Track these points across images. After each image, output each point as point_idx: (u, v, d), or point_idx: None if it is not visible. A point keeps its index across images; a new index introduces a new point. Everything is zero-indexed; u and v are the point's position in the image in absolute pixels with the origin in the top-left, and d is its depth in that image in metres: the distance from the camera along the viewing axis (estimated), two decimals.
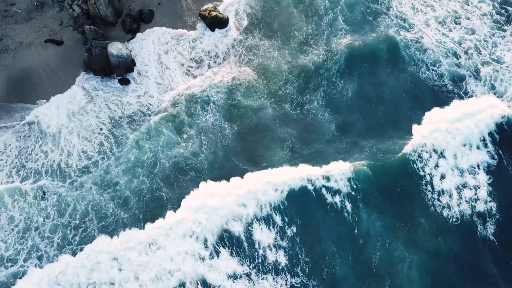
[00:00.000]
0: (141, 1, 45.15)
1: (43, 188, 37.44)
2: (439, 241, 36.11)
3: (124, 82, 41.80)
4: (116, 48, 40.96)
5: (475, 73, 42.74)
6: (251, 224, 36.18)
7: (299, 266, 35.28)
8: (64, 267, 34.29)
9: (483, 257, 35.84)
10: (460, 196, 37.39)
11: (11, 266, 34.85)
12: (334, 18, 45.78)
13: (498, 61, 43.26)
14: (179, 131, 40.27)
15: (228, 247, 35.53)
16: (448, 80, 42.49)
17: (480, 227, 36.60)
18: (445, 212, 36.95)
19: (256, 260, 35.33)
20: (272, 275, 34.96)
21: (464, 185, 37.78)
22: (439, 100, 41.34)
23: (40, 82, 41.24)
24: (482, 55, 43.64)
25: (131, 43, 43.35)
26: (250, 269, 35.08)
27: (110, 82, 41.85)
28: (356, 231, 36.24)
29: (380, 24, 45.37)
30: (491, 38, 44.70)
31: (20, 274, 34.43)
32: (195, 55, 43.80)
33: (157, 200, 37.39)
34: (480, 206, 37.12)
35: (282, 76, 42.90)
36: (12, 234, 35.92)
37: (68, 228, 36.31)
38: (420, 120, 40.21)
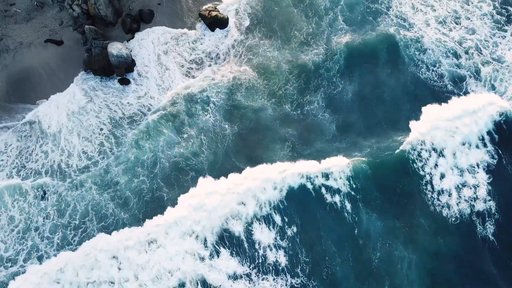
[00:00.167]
0: (141, 1, 45.07)
1: (43, 187, 37.46)
2: (439, 240, 36.17)
3: (124, 82, 41.76)
4: (116, 48, 40.92)
5: (475, 73, 42.69)
6: (251, 223, 36.20)
7: (299, 266, 35.32)
8: (63, 264, 34.27)
9: (482, 256, 35.88)
10: (459, 195, 37.43)
11: (11, 266, 34.87)
12: (334, 18, 45.75)
13: (498, 60, 43.20)
14: (179, 131, 40.26)
15: (228, 247, 35.55)
16: (448, 80, 42.45)
17: (479, 226, 36.65)
18: (444, 211, 37.00)
19: (256, 260, 35.36)
20: (272, 276, 34.99)
21: (464, 184, 37.81)
22: (439, 100, 41.25)
23: (40, 82, 41.19)
24: (483, 54, 43.59)
25: (131, 43, 43.29)
26: (250, 269, 35.11)
27: (110, 82, 41.80)
28: (356, 231, 36.29)
29: (380, 23, 45.33)
30: (491, 38, 44.61)
31: (20, 275, 34.39)
32: (195, 56, 43.73)
33: (157, 200, 37.38)
34: (479, 205, 37.18)
35: (283, 76, 42.88)
36: (12, 235, 35.93)
37: (68, 228, 36.33)
38: (418, 118, 40.25)
